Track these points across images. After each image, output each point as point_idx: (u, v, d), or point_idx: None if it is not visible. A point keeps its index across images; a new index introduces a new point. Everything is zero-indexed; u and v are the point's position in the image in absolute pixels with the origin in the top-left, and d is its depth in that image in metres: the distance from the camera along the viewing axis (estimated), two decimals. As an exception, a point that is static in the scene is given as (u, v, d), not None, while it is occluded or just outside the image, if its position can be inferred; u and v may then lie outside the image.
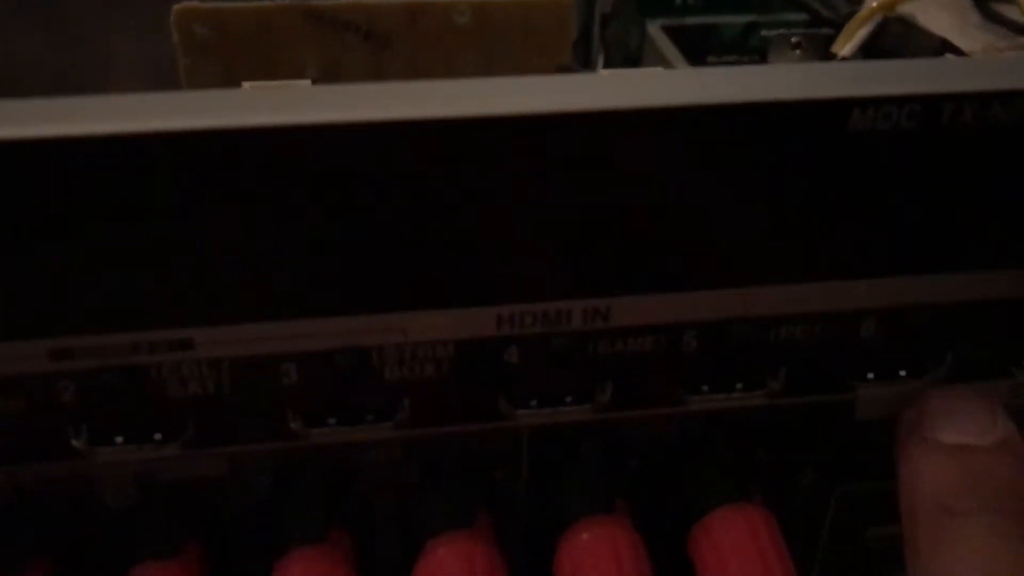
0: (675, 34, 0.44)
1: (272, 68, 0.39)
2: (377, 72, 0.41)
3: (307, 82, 0.32)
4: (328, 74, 0.38)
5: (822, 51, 0.32)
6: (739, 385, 0.20)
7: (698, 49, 0.44)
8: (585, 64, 0.44)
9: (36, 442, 0.19)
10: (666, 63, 0.41)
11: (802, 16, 0.41)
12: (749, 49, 0.45)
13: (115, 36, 0.45)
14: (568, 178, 0.17)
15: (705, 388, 0.20)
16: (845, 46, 0.33)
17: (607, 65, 0.45)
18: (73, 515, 0.20)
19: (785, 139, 0.17)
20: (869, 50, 0.33)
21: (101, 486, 0.20)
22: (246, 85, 0.31)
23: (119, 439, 0.19)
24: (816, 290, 0.19)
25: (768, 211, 0.18)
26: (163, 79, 0.44)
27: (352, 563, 0.20)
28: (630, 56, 0.45)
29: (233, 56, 0.38)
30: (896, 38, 0.30)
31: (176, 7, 0.28)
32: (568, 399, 0.20)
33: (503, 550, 0.20)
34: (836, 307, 0.20)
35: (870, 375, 0.20)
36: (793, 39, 0.32)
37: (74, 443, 0.19)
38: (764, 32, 0.33)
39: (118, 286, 0.17)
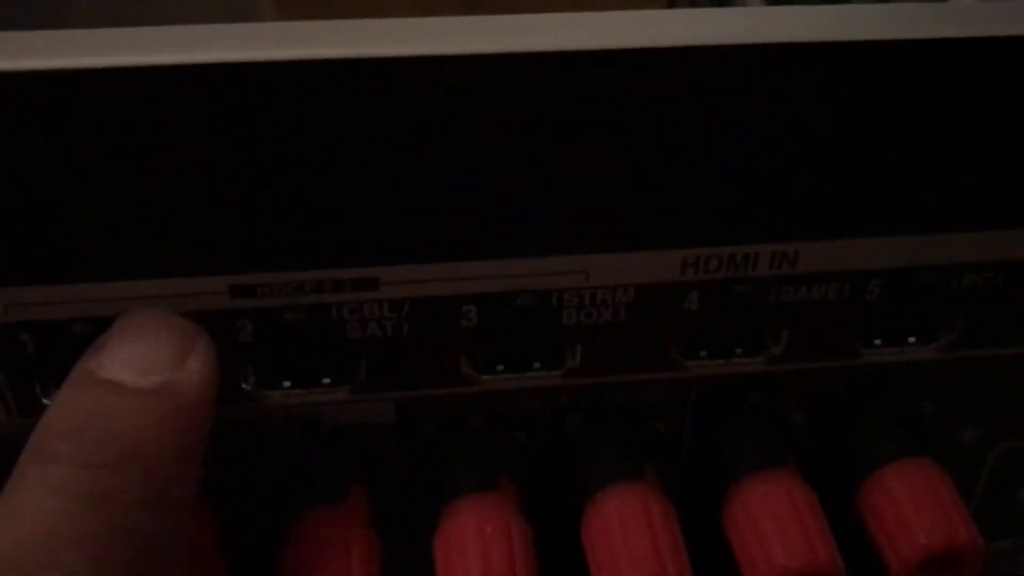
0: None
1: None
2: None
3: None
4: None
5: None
6: (912, 339, 0.20)
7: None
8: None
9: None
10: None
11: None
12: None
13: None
14: (758, 115, 0.17)
15: (878, 341, 0.20)
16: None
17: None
18: (238, 460, 0.19)
19: (970, 77, 0.16)
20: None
21: (266, 430, 0.19)
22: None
23: (287, 383, 0.19)
24: (1002, 238, 0.19)
25: (959, 153, 0.17)
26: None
27: (521, 511, 0.19)
28: None
29: (324, 12, 0.37)
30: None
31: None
32: (739, 350, 0.20)
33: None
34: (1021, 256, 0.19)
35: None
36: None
37: (244, 386, 0.18)
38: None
39: (303, 222, 0.17)
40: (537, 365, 0.19)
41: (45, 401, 0.18)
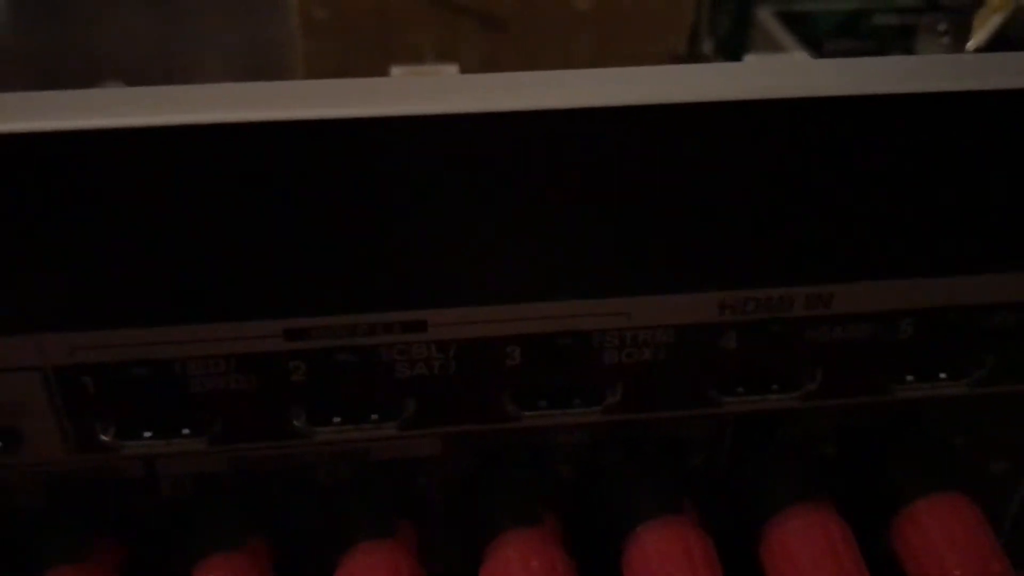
0: (788, 20, 0.44)
1: (388, 52, 0.39)
2: (491, 57, 0.41)
3: (454, 68, 0.32)
4: (443, 59, 0.38)
5: (965, 39, 0.32)
6: (943, 375, 0.20)
7: (810, 35, 0.43)
8: (692, 51, 0.43)
9: (260, 421, 0.19)
10: (779, 49, 0.41)
11: (914, 1, 0.41)
12: (861, 35, 0.45)
13: (213, 19, 0.45)
14: (794, 166, 0.17)
15: (910, 378, 0.20)
16: (977, 35, 0.33)
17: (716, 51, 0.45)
18: (290, 495, 0.20)
19: (1000, 125, 0.17)
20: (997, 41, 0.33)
21: (316, 466, 0.20)
22: (396, 70, 0.31)
23: (337, 419, 0.19)
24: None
25: (996, 197, 0.18)
26: (257, 61, 0.45)
27: (565, 546, 0.20)
28: (722, 43, 0.45)
29: (350, 40, 0.38)
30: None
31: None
32: (775, 387, 0.20)
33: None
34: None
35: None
36: (940, 27, 0.32)
37: (295, 423, 0.19)
38: (922, 19, 0.33)
39: (356, 268, 0.17)
40: (578, 402, 0.20)
41: (103, 438, 0.19)
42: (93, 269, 0.17)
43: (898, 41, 0.44)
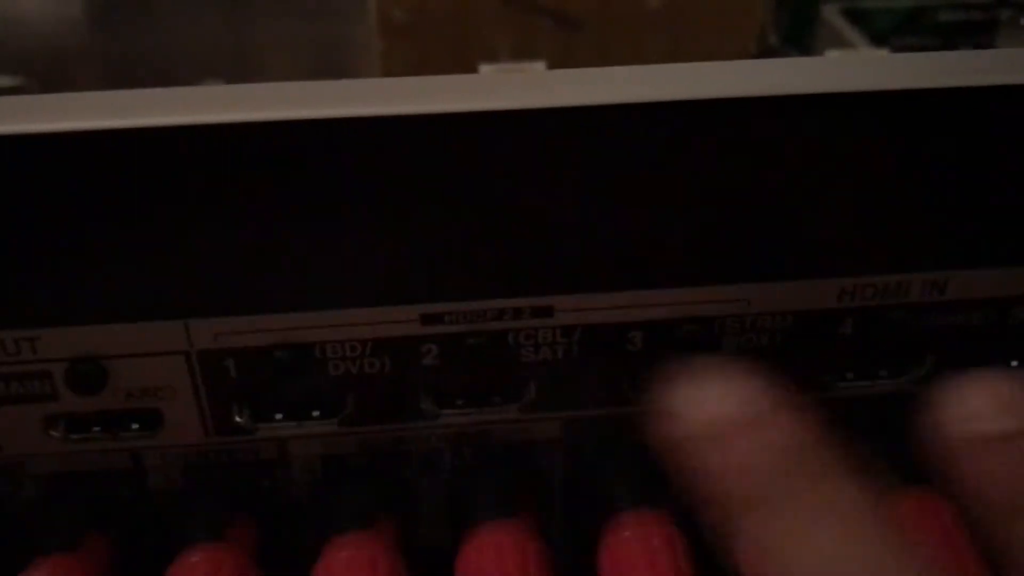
0: (854, 17, 0.44)
1: (465, 52, 0.39)
2: (566, 56, 0.41)
3: (541, 65, 0.33)
4: (516, 58, 0.39)
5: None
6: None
7: (875, 32, 0.44)
8: (760, 46, 0.44)
9: (389, 403, 0.20)
10: (846, 45, 0.41)
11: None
12: (923, 31, 0.45)
13: (286, 19, 0.46)
14: (907, 152, 0.18)
15: (1015, 363, 0.21)
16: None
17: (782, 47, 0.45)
18: (416, 476, 0.21)
19: None
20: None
21: (440, 448, 0.21)
22: (484, 68, 0.32)
23: (461, 401, 0.20)
24: None
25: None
26: (326, 61, 0.45)
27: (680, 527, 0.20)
28: (789, 38, 0.46)
29: (428, 40, 0.39)
30: None
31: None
32: (884, 372, 0.21)
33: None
34: None
35: None
36: (1023, 21, 0.32)
37: (422, 405, 0.20)
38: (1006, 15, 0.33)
39: (490, 256, 0.18)
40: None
41: (238, 420, 0.19)
42: (238, 257, 0.17)
43: (963, 37, 0.45)
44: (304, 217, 0.17)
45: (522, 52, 0.39)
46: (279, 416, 0.20)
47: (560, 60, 0.40)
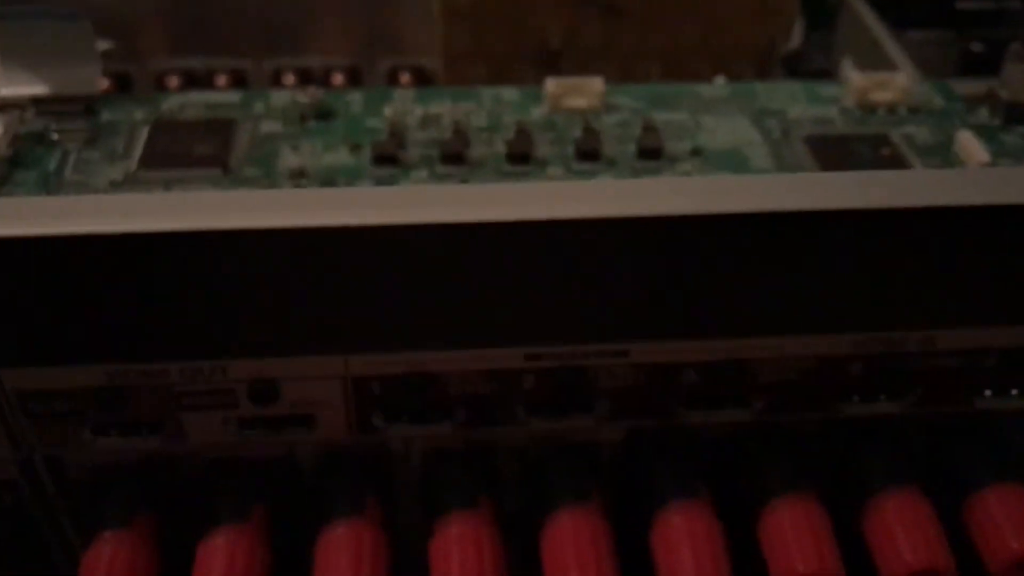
0: (874, 2, 0.48)
1: (517, 36, 0.44)
2: (607, 41, 0.45)
3: (599, 80, 0.37)
4: (566, 42, 0.43)
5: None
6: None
7: (897, 19, 0.47)
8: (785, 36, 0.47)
9: (494, 413, 0.25)
10: (865, 30, 0.45)
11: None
12: (945, 23, 0.48)
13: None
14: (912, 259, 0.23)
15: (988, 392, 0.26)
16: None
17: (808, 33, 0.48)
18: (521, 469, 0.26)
19: None
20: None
21: (527, 446, 0.26)
22: (551, 82, 0.36)
23: (546, 410, 0.26)
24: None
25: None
26: (389, 42, 0.48)
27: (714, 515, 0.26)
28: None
29: (485, 24, 0.43)
30: None
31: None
32: (882, 396, 0.26)
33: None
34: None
35: None
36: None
37: (520, 416, 0.25)
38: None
39: (581, 308, 0.23)
40: (729, 406, 0.26)
41: (375, 422, 0.25)
42: (391, 308, 0.23)
43: (979, 28, 0.48)
44: (442, 287, 0.22)
45: (569, 37, 0.43)
46: (406, 419, 0.25)
47: (603, 44, 0.44)
